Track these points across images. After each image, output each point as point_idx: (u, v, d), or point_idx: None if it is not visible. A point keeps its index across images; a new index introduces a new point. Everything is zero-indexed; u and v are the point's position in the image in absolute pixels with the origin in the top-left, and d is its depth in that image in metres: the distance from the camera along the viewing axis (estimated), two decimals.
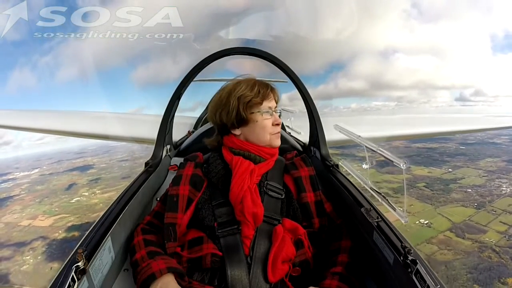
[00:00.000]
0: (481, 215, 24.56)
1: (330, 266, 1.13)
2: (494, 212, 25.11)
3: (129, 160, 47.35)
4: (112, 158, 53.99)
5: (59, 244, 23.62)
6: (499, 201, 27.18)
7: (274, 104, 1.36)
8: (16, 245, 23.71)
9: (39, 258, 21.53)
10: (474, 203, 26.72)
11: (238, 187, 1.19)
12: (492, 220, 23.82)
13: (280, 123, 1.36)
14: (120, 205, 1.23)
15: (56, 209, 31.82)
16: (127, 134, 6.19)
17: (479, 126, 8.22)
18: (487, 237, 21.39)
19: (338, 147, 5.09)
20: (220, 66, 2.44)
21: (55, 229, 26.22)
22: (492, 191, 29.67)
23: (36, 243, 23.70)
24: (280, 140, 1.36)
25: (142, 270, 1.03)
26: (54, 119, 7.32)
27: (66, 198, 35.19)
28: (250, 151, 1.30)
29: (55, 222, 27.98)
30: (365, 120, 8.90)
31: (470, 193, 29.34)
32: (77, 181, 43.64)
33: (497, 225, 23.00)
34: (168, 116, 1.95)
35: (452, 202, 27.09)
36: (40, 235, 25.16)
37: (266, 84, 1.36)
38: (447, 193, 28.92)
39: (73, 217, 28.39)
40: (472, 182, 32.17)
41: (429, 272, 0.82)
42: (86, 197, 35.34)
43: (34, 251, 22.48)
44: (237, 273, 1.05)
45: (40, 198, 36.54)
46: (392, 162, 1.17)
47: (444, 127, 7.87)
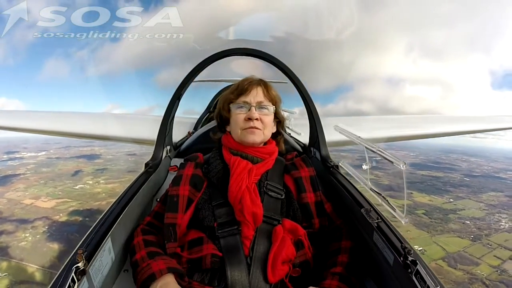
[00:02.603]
0: (476, 248, 24.25)
1: (330, 267, 1.14)
2: (489, 246, 24.77)
3: (136, 155, 47.64)
4: (119, 151, 54.34)
5: (59, 226, 23.94)
6: (496, 235, 26.83)
7: (253, 99, 1.32)
8: (18, 221, 24.19)
9: (38, 237, 21.87)
10: (470, 235, 26.39)
11: (236, 187, 1.19)
12: (486, 253, 23.53)
13: (254, 118, 1.29)
14: (120, 206, 1.22)
15: (60, 192, 32.17)
16: (127, 135, 6.14)
17: (484, 126, 8.23)
18: (479, 269, 21.15)
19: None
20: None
21: (57, 212, 26.52)
22: (491, 225, 29.29)
23: (38, 222, 24.12)
24: (256, 137, 1.30)
25: (142, 271, 1.03)
26: (54, 120, 7.20)
27: (70, 183, 35.52)
28: (246, 153, 1.31)
29: (57, 205, 28.32)
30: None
31: (468, 224, 28.98)
32: (83, 169, 43.97)
33: (490, 259, 22.72)
34: (168, 117, 1.94)
35: (449, 232, 26.81)
36: (42, 215, 25.58)
37: (251, 80, 1.36)
38: (445, 223, 28.64)
39: (75, 203, 28.60)
40: (472, 214, 31.79)
41: (429, 273, 0.82)
42: (90, 185, 35.57)
43: (35, 230, 22.87)
44: (237, 274, 1.05)
45: (45, 180, 36.92)
46: (392, 163, 1.14)
47: (446, 127, 7.86)
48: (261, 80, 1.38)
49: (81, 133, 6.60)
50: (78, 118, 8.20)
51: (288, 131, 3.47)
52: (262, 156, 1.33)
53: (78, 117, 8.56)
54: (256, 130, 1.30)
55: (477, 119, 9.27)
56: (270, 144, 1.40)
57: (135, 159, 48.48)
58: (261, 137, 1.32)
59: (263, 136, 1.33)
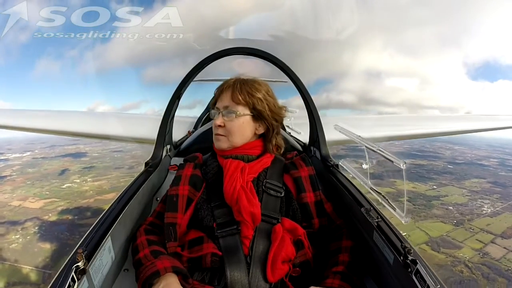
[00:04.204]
0: (459, 232, 24.84)
1: (332, 266, 1.13)
2: (472, 230, 25.42)
3: (122, 152, 47.18)
4: (105, 148, 53.63)
5: (49, 226, 23.79)
6: (479, 220, 27.52)
7: (221, 104, 1.31)
8: (8, 223, 23.97)
9: (28, 238, 21.75)
10: (453, 220, 27.01)
11: (231, 187, 1.19)
12: (469, 237, 24.18)
13: (216, 124, 1.29)
14: (120, 205, 1.22)
15: (47, 192, 31.79)
16: (127, 134, 6.10)
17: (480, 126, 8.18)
18: (461, 252, 21.71)
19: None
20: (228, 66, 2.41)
21: (46, 212, 26.29)
22: (473, 210, 30.02)
23: (28, 223, 23.92)
24: (221, 143, 1.31)
25: (145, 269, 1.02)
26: (51, 119, 7.10)
27: (57, 183, 35.10)
28: (234, 154, 1.31)
29: (45, 205, 28.06)
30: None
31: (451, 210, 29.62)
32: (69, 167, 43.36)
33: (473, 243, 23.36)
34: (168, 116, 1.93)
35: (432, 217, 27.32)
36: (32, 216, 25.33)
37: (225, 84, 1.33)
38: (429, 209, 29.17)
39: (64, 202, 28.35)
40: (454, 200, 32.46)
41: (429, 272, 0.82)
42: (78, 184, 35.17)
43: (25, 231, 22.72)
44: (237, 274, 1.05)
45: (31, 181, 36.30)
46: (392, 162, 1.15)
47: (445, 127, 7.79)
48: (237, 80, 1.33)
49: (79, 133, 6.54)
50: (76, 117, 8.14)
51: (288, 130, 3.46)
52: (250, 152, 1.33)
53: (79, 116, 8.51)
54: (220, 137, 1.30)
55: (475, 118, 9.42)
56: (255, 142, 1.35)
57: (121, 155, 48.06)
58: (227, 143, 1.30)
59: (229, 142, 1.30)
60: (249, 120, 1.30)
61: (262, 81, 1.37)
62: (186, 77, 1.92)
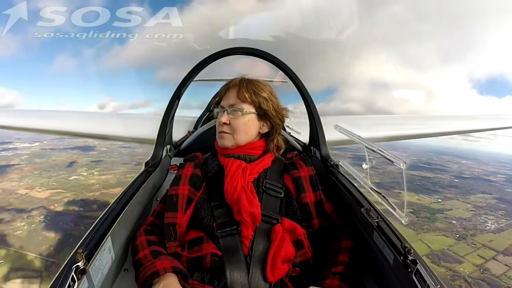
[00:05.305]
0: (461, 246, 24.77)
1: (331, 266, 1.12)
2: (474, 245, 25.32)
3: (130, 147, 47.60)
4: (113, 143, 54.20)
5: (54, 216, 24.20)
6: (482, 236, 27.39)
7: (226, 102, 1.31)
8: (15, 211, 24.54)
9: (33, 227, 22.17)
10: (456, 235, 26.91)
11: (232, 188, 1.18)
12: (470, 252, 24.08)
13: (221, 122, 1.29)
14: (120, 205, 1.22)
15: (54, 183, 32.35)
16: (127, 134, 6.00)
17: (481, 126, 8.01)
18: (462, 267, 21.64)
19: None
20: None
21: (52, 202, 26.77)
22: (477, 226, 29.89)
23: (34, 212, 24.37)
24: (225, 141, 1.30)
25: (145, 269, 1.02)
26: (52, 119, 6.99)
27: (64, 174, 35.75)
28: (236, 153, 1.31)
29: (52, 195, 28.55)
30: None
31: (454, 224, 29.53)
32: (78, 160, 44.01)
33: (474, 258, 23.23)
34: (168, 116, 1.92)
35: (435, 230, 27.24)
36: (38, 205, 25.84)
37: (231, 83, 1.33)
38: (432, 222, 29.09)
39: (70, 193, 28.81)
40: (458, 214, 32.36)
41: (429, 272, 0.82)
42: (84, 176, 35.72)
43: (31, 219, 23.15)
44: (236, 274, 1.05)
45: (39, 171, 37.05)
46: (392, 162, 1.14)
47: (445, 127, 7.63)
48: (243, 79, 1.33)
49: (80, 133, 6.52)
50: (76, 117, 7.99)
51: (288, 130, 3.43)
52: (252, 153, 1.32)
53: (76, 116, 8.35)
54: (225, 135, 1.29)
55: (474, 118, 9.16)
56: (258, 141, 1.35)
57: (129, 151, 48.45)
58: (231, 141, 1.30)
59: (233, 140, 1.29)
60: (254, 118, 1.30)
61: (266, 82, 1.38)
62: (186, 77, 1.92)
